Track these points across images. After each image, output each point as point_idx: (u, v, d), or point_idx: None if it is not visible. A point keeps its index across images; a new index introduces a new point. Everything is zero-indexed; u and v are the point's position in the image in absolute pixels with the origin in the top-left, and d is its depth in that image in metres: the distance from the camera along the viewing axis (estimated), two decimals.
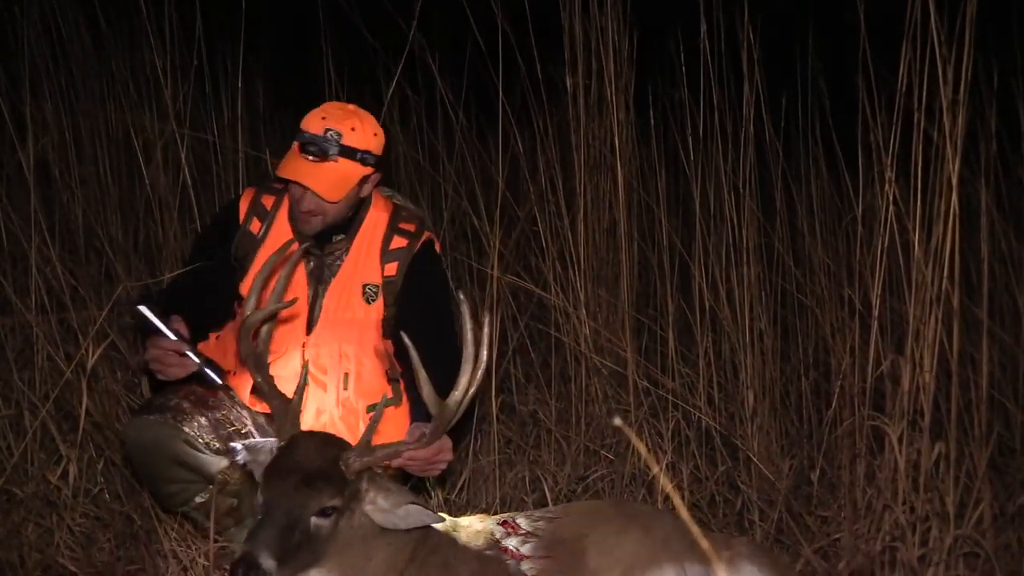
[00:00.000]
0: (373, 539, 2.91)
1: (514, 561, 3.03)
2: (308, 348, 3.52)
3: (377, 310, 3.55)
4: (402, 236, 3.58)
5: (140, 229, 5.10)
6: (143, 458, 3.46)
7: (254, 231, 3.55)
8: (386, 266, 3.56)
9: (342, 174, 3.39)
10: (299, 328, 3.53)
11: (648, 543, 3.08)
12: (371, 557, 2.91)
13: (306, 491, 2.76)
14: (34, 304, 4.10)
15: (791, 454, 4.22)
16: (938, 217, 3.48)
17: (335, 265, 3.55)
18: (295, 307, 3.49)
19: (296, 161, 3.38)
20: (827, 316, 4.35)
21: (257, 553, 2.66)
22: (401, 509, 2.86)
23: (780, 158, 4.57)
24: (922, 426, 3.48)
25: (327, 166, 3.37)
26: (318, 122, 3.40)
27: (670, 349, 4.34)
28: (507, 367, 4.50)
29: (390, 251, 3.56)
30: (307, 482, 2.76)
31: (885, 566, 3.48)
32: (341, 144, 3.38)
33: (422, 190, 5.47)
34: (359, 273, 3.55)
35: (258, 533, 2.70)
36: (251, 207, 3.58)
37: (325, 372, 3.52)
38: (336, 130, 3.38)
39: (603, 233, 4.59)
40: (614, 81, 4.45)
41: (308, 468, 2.79)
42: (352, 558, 2.88)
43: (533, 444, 4.36)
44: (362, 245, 3.57)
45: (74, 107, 5.20)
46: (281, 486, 2.76)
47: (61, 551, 3.57)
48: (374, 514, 2.88)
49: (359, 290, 3.54)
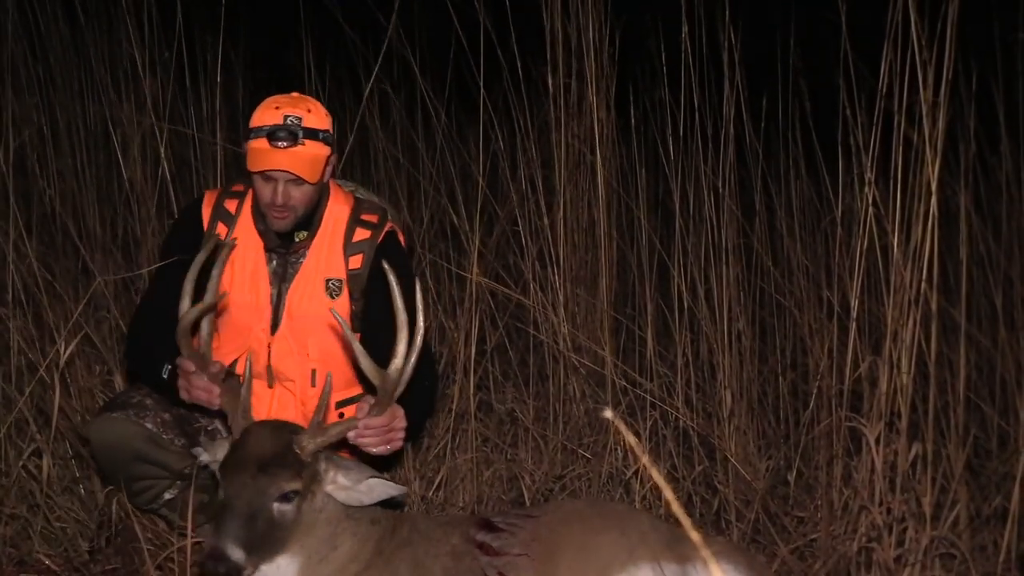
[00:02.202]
0: (337, 524, 2.95)
1: (488, 558, 3.03)
2: (273, 347, 3.50)
3: (342, 304, 3.52)
4: (365, 228, 3.57)
5: (118, 223, 5.07)
6: (107, 456, 3.45)
7: (221, 236, 3.51)
8: (350, 259, 3.54)
9: (312, 155, 3.39)
10: (264, 328, 3.52)
11: (624, 542, 3.08)
12: (336, 545, 2.94)
13: (263, 478, 2.80)
14: (10, 299, 4.07)
15: (768, 454, 4.23)
16: (917, 219, 3.49)
17: (297, 263, 3.53)
18: (259, 307, 3.49)
19: (267, 152, 3.35)
20: (805, 317, 4.37)
21: (224, 546, 2.70)
22: (363, 484, 2.91)
23: (760, 159, 4.58)
24: (899, 427, 3.49)
25: (298, 150, 3.36)
26: (273, 112, 3.39)
27: (648, 349, 4.34)
28: (486, 365, 4.49)
29: (353, 243, 3.55)
30: (263, 469, 2.80)
31: (861, 567, 3.49)
32: (304, 127, 3.37)
33: (401, 188, 5.45)
34: (321, 269, 3.54)
35: (223, 526, 2.74)
36: (215, 212, 3.56)
37: (292, 370, 3.52)
38: (294, 115, 3.38)
39: (583, 232, 4.59)
40: (595, 80, 4.45)
41: (262, 456, 2.83)
42: (317, 544, 2.91)
43: (510, 443, 4.36)
44: (323, 241, 3.55)
45: (52, 100, 5.16)
46: (238, 477, 2.80)
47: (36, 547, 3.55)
48: (336, 493, 2.92)
49: (322, 286, 3.52)
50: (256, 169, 3.38)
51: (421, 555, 3.02)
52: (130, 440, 3.38)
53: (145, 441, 3.41)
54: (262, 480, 2.79)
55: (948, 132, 3.57)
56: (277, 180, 3.38)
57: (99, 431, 3.42)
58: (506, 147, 4.65)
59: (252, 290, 3.50)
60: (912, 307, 3.48)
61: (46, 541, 3.64)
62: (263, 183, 3.41)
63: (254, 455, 2.83)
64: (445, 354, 4.36)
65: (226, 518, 2.75)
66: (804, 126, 4.55)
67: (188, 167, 4.97)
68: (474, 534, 3.09)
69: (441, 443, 4.17)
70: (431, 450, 4.18)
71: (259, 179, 3.41)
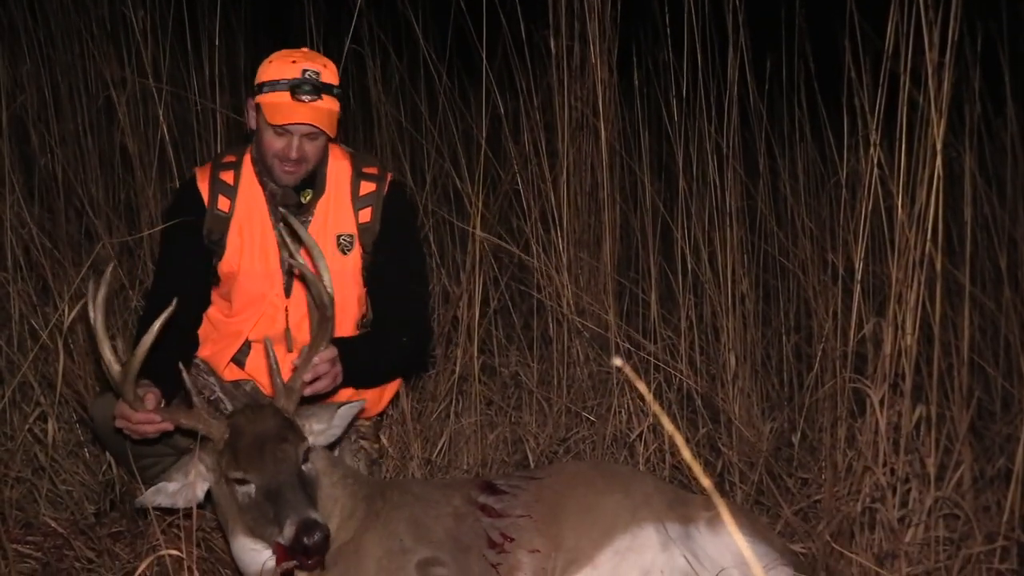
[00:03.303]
0: (330, 476, 3.02)
1: (490, 520, 3.04)
2: (290, 310, 3.51)
3: (354, 259, 3.54)
4: (369, 180, 3.58)
5: (119, 187, 5.05)
6: (111, 435, 3.42)
7: (224, 209, 3.51)
8: (359, 212, 3.55)
9: (329, 109, 3.39)
10: (278, 293, 3.53)
11: (628, 503, 3.10)
12: (336, 498, 3.02)
13: (288, 447, 2.85)
14: (10, 264, 4.07)
15: (772, 417, 4.23)
16: (922, 181, 3.47)
17: (306, 223, 3.51)
18: (270, 273, 3.49)
19: (291, 106, 3.34)
20: (809, 279, 4.36)
21: (308, 515, 2.71)
22: (335, 418, 3.01)
23: (764, 121, 4.55)
24: (903, 389, 3.48)
25: (319, 104, 3.36)
26: (290, 65, 3.37)
27: (652, 312, 4.33)
28: (489, 328, 4.49)
29: (361, 197, 3.56)
30: (282, 440, 2.84)
31: (865, 527, 3.49)
32: (322, 82, 3.38)
33: (404, 150, 5.43)
34: (331, 225, 3.55)
35: (290, 502, 2.74)
36: (212, 187, 3.53)
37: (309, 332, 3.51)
38: (313, 69, 3.37)
39: (585, 195, 4.58)
40: (597, 43, 4.42)
41: (270, 431, 2.86)
42: (325, 499, 2.99)
43: (514, 405, 4.36)
44: (330, 197, 3.56)
45: (52, 64, 5.13)
46: (268, 459, 2.80)
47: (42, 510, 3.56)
48: (318, 439, 3.01)
49: (333, 242, 3.53)
50: (278, 122, 3.35)
51: (420, 515, 3.03)
52: None
53: None
54: (288, 449, 2.83)
55: (953, 94, 3.54)
56: (293, 134, 3.37)
57: (103, 410, 3.35)
58: (508, 110, 4.63)
59: (262, 258, 3.50)
60: (917, 269, 3.47)
61: (52, 504, 3.66)
62: (276, 137, 3.39)
63: (264, 434, 2.84)
64: (449, 316, 4.36)
65: (286, 495, 2.75)
66: (809, 88, 4.52)
67: (190, 131, 4.95)
68: (476, 496, 3.11)
69: (444, 405, 4.18)
70: (434, 413, 4.19)
71: (271, 133, 3.39)
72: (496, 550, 2.98)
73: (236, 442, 2.85)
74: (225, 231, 3.50)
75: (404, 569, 2.91)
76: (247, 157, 3.56)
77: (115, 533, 3.47)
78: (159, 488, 2.93)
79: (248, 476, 2.80)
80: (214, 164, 3.59)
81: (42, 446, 3.74)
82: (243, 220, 3.50)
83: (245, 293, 3.52)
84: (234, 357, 3.57)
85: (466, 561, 2.95)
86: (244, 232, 3.50)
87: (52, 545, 3.35)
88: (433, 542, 2.96)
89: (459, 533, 3.00)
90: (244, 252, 3.49)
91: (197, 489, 2.94)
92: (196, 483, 2.94)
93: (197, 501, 2.96)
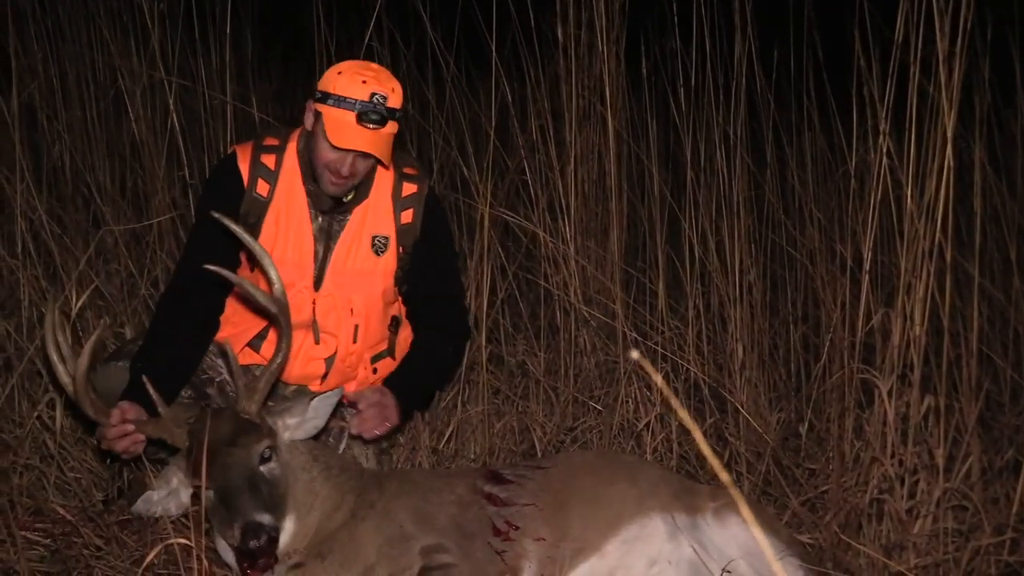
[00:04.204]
0: (310, 470, 3.04)
1: (496, 508, 3.04)
2: (318, 303, 3.52)
3: (387, 261, 3.56)
4: (411, 182, 3.59)
5: (127, 175, 5.06)
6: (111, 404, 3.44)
7: (262, 193, 3.50)
8: (401, 214, 3.56)
9: (390, 135, 3.39)
10: (307, 285, 3.53)
11: (634, 493, 3.10)
12: (316, 491, 3.03)
13: (238, 450, 2.87)
14: (20, 250, 4.07)
15: (779, 407, 4.22)
16: (932, 171, 3.46)
17: (344, 220, 3.53)
18: (302, 264, 3.51)
19: (355, 131, 3.31)
20: (818, 269, 4.35)
21: (252, 517, 2.75)
22: (309, 411, 3.02)
23: (772, 110, 4.54)
24: (912, 380, 3.48)
25: (382, 132, 3.34)
26: (360, 87, 3.33)
27: (659, 301, 4.33)
28: (496, 317, 4.49)
29: (403, 198, 3.58)
30: (232, 444, 2.87)
31: (873, 518, 3.49)
32: (388, 107, 3.35)
33: (412, 139, 5.43)
34: (368, 226, 3.55)
35: (236, 506, 2.79)
36: (253, 168, 3.51)
37: (336, 326, 3.55)
38: (381, 94, 3.34)
39: (593, 184, 4.57)
40: (605, 31, 4.41)
41: (223, 436, 2.89)
42: (302, 494, 2.99)
43: (521, 395, 4.36)
44: (371, 198, 3.57)
45: (60, 52, 5.13)
46: (217, 462, 2.83)
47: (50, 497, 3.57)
48: (295, 433, 3.03)
49: (368, 242, 3.55)
50: (340, 145, 3.32)
51: (422, 504, 3.03)
52: None
53: None
54: (238, 452, 2.86)
55: (963, 83, 3.53)
56: (348, 152, 3.36)
57: (105, 381, 3.41)
58: (516, 98, 4.62)
59: (296, 247, 3.50)
60: (926, 259, 3.46)
61: (60, 491, 3.66)
62: (331, 150, 3.37)
63: (216, 439, 2.87)
64: None
65: (234, 499, 2.80)
66: (817, 77, 4.50)
67: (197, 120, 4.95)
68: (481, 485, 3.11)
69: (452, 395, 4.18)
70: (441, 402, 4.19)
71: (327, 145, 3.36)
72: (501, 538, 2.99)
73: (191, 451, 2.91)
74: (262, 215, 3.50)
75: (407, 555, 2.92)
76: (292, 145, 3.54)
77: (123, 521, 3.47)
78: (147, 497, 3.01)
79: (205, 482, 2.82)
80: (256, 145, 3.57)
81: (50, 433, 3.74)
82: (281, 208, 3.50)
83: None
84: (250, 342, 3.59)
85: (470, 548, 2.96)
86: (281, 220, 3.51)
87: (61, 532, 3.35)
88: (436, 529, 2.97)
89: (463, 521, 3.01)
90: (278, 239, 3.49)
91: (182, 495, 3.02)
92: (180, 490, 3.02)
93: (185, 508, 3.03)
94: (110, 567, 3.22)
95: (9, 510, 3.25)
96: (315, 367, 3.58)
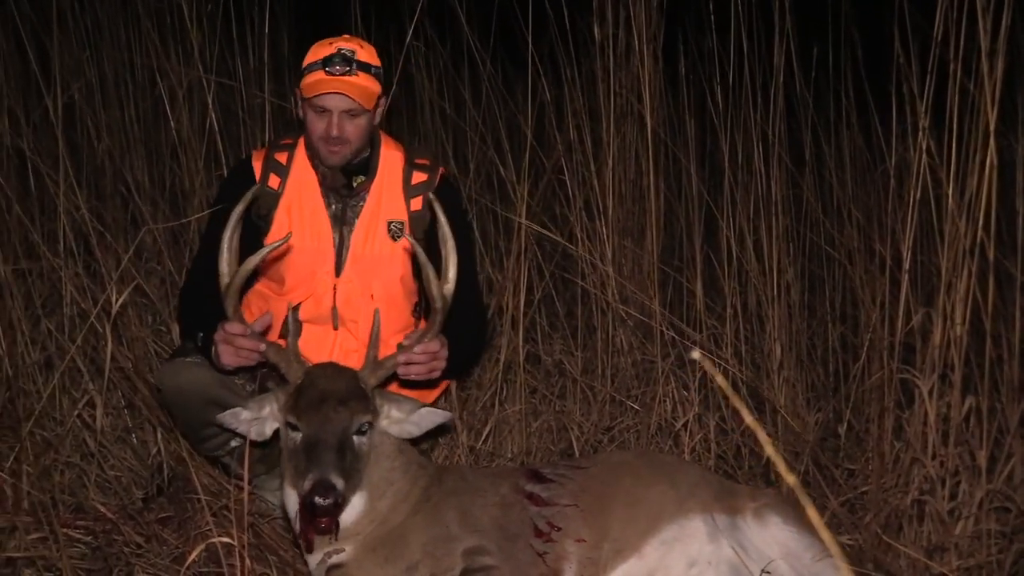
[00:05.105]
0: (393, 459, 3.05)
1: (537, 508, 3.04)
2: (338, 289, 3.55)
3: (404, 246, 3.57)
4: (421, 171, 3.65)
5: (166, 174, 5.09)
6: (180, 401, 3.47)
7: (273, 187, 3.58)
8: (411, 201, 3.61)
9: (365, 86, 3.47)
10: (328, 271, 3.56)
11: (674, 494, 3.09)
12: (392, 481, 3.03)
13: (345, 411, 2.88)
14: (62, 249, 4.10)
15: (817, 407, 4.21)
16: (973, 169, 3.43)
17: (358, 206, 3.59)
18: (322, 251, 3.54)
19: (322, 80, 3.43)
20: (856, 269, 4.32)
21: (327, 475, 2.76)
22: (415, 415, 3.03)
23: (810, 108, 4.52)
24: (952, 380, 3.45)
25: (352, 79, 3.44)
26: (326, 47, 3.48)
27: (697, 300, 4.31)
28: (533, 317, 4.49)
29: (413, 186, 3.62)
30: (343, 403, 2.88)
31: (913, 520, 3.47)
32: (357, 59, 3.46)
33: (448, 139, 5.44)
34: (383, 211, 3.60)
35: (320, 459, 2.79)
36: (266, 165, 3.61)
37: (357, 312, 3.58)
38: (347, 48, 3.46)
39: (630, 183, 4.56)
40: (643, 30, 4.40)
41: (338, 391, 2.91)
42: (378, 479, 3.00)
43: (559, 394, 4.36)
44: (382, 184, 3.62)
45: (100, 52, 5.17)
46: (321, 413, 2.85)
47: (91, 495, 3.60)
48: (391, 427, 3.04)
49: (384, 227, 3.59)
50: (311, 94, 3.43)
51: (468, 504, 3.04)
52: (203, 384, 3.41)
53: (218, 386, 3.43)
54: (344, 413, 2.87)
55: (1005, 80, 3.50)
56: (332, 112, 3.45)
57: (173, 376, 3.46)
58: (553, 98, 4.62)
59: (314, 235, 3.56)
60: (967, 258, 3.43)
61: (101, 489, 3.69)
62: (317, 117, 3.48)
63: (330, 391, 2.90)
64: (492, 305, 4.36)
65: (320, 451, 2.80)
66: (856, 75, 4.48)
67: (235, 119, 4.98)
68: (523, 484, 3.11)
69: (489, 394, 4.19)
70: (479, 401, 4.19)
71: (312, 113, 3.48)
72: (543, 539, 2.99)
73: (303, 389, 2.93)
74: (273, 208, 3.58)
75: (450, 556, 2.92)
76: (303, 140, 3.64)
77: (163, 518, 3.50)
78: (235, 412, 3.02)
79: (299, 423, 2.87)
80: (270, 145, 3.70)
81: (91, 432, 3.77)
82: (292, 198, 3.58)
83: (296, 270, 3.57)
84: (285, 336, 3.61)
85: (512, 550, 2.96)
86: (293, 210, 3.57)
87: (102, 530, 3.38)
88: (480, 530, 2.97)
89: (506, 522, 3.01)
90: (295, 228, 3.54)
91: (266, 426, 3.02)
92: (267, 420, 3.02)
93: (264, 437, 3.03)
94: (150, 564, 3.25)
95: (51, 507, 3.28)
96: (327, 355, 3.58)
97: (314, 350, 3.58)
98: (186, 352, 3.50)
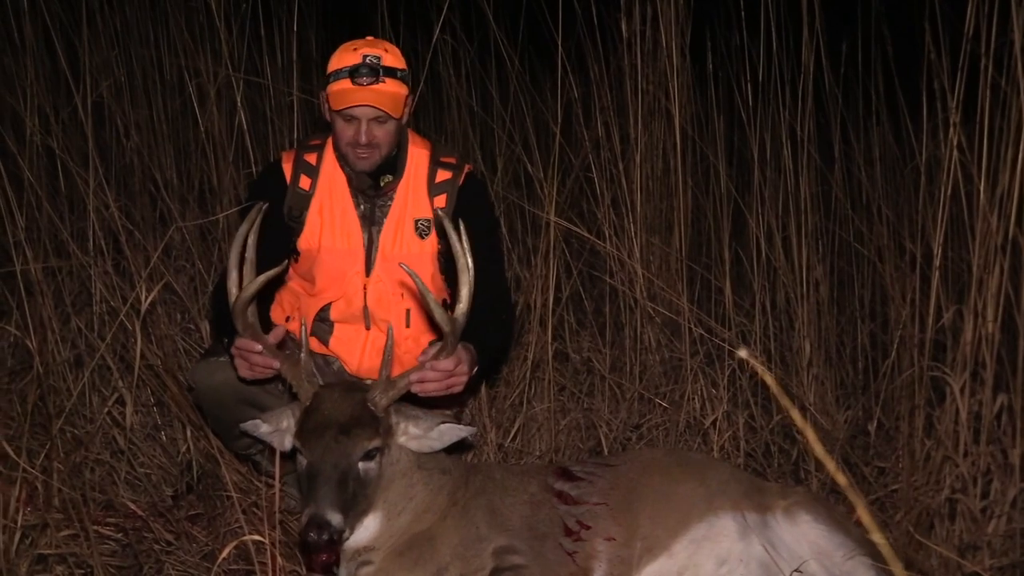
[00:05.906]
0: (412, 475, 3.00)
1: (567, 507, 3.03)
2: (369, 289, 3.55)
3: (431, 244, 3.59)
4: (446, 169, 3.63)
5: (195, 172, 5.11)
6: (213, 399, 3.49)
7: (304, 187, 3.59)
8: (435, 199, 3.60)
9: (393, 92, 3.44)
10: (358, 272, 3.57)
11: (704, 492, 3.08)
12: (412, 496, 2.98)
13: (347, 440, 2.82)
14: (92, 247, 4.12)
15: (847, 404, 4.19)
16: (1004, 164, 3.41)
17: (386, 206, 3.60)
18: (352, 252, 3.55)
19: (350, 91, 3.41)
20: (886, 266, 4.30)
21: (323, 512, 2.72)
22: (434, 431, 2.96)
23: (840, 105, 4.50)
24: (984, 377, 3.43)
25: (379, 87, 3.41)
26: (351, 54, 3.44)
27: (725, 298, 4.30)
28: (561, 314, 4.48)
29: (437, 184, 3.61)
30: (344, 431, 2.83)
31: (945, 518, 3.44)
32: (383, 65, 3.43)
33: (475, 136, 5.44)
34: (410, 209, 3.60)
35: (316, 492, 2.75)
36: (296, 167, 3.61)
37: (388, 311, 3.58)
38: (373, 54, 3.43)
39: (658, 180, 4.55)
40: (671, 26, 4.39)
41: (341, 418, 2.85)
42: (396, 497, 2.95)
43: (587, 391, 4.35)
44: (408, 182, 3.62)
45: (129, 51, 5.19)
46: (321, 442, 2.81)
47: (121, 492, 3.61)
48: (409, 443, 2.97)
49: (412, 226, 3.59)
50: (340, 107, 3.42)
51: (498, 503, 3.03)
52: (236, 384, 3.39)
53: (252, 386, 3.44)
54: (345, 442, 2.82)
55: None
56: (360, 119, 3.44)
57: (207, 374, 3.47)
58: (580, 95, 4.61)
59: (344, 236, 3.57)
60: (998, 254, 3.41)
61: (130, 487, 3.71)
62: (345, 124, 3.46)
63: (333, 418, 2.85)
64: (520, 303, 4.36)
65: (318, 484, 2.76)
66: (886, 71, 4.45)
67: (263, 117, 4.99)
68: (552, 483, 3.10)
69: (517, 392, 4.18)
70: (507, 399, 4.19)
71: (341, 120, 3.46)
72: (572, 538, 2.98)
73: (310, 413, 2.89)
74: (305, 208, 3.58)
75: (480, 556, 2.92)
76: (331, 140, 3.63)
77: (193, 516, 3.52)
78: (257, 423, 3.03)
79: (303, 449, 2.84)
80: (299, 146, 3.70)
81: (120, 429, 3.78)
82: (324, 199, 3.59)
83: (327, 271, 3.58)
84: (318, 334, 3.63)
85: (541, 548, 2.95)
86: (324, 211, 3.58)
87: (132, 527, 3.40)
88: (509, 530, 2.97)
89: (535, 521, 3.00)
90: (324, 230, 3.57)
91: (285, 440, 3.01)
92: (285, 435, 3.00)
93: (285, 449, 3.00)
94: (180, 562, 3.26)
95: (82, 505, 3.29)
96: (373, 361, 3.60)
97: (347, 350, 3.60)
98: (218, 352, 3.50)
